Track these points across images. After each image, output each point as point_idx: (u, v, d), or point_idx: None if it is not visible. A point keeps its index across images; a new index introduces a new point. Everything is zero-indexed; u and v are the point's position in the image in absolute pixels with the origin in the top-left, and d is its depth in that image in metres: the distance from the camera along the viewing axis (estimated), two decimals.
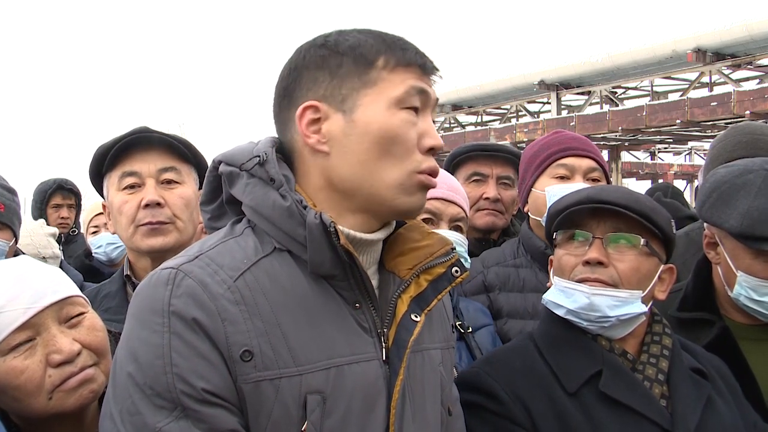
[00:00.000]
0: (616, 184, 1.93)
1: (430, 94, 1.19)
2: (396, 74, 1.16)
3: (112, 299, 1.83)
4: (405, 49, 1.18)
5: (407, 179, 1.15)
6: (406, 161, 1.15)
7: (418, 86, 1.17)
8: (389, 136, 1.14)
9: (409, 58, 1.17)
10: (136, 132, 1.81)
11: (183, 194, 1.82)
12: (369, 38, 1.18)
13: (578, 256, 1.50)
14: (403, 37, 1.21)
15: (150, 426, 1.01)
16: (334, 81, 1.16)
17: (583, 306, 1.46)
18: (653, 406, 1.42)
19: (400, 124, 1.14)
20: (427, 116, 1.19)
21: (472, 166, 2.59)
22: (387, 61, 1.16)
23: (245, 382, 1.04)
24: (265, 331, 1.06)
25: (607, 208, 1.48)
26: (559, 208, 1.56)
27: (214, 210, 1.26)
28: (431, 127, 1.19)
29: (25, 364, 1.24)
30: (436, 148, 1.18)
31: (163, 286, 1.07)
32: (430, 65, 1.20)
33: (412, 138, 1.15)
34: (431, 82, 1.21)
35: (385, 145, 1.14)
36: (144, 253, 1.81)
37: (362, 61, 1.16)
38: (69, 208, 4.66)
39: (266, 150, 1.18)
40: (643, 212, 1.47)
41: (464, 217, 1.91)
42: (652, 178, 21.10)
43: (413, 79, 1.17)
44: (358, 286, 1.15)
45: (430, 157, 1.18)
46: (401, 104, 1.15)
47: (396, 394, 1.12)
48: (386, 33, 1.21)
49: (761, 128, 2.28)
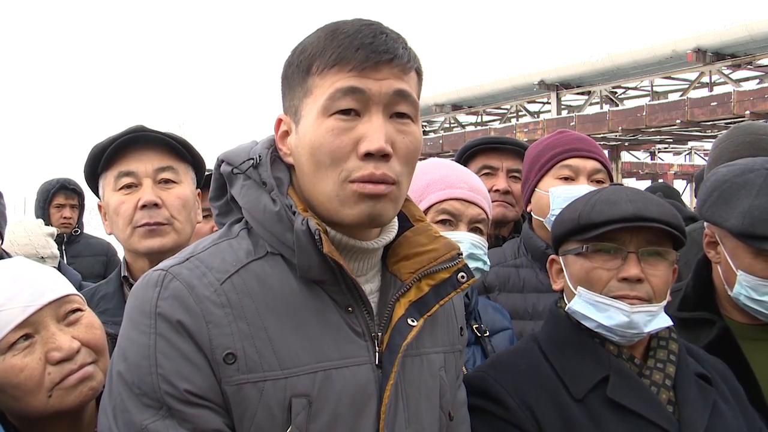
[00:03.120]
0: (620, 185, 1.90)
1: (367, 91, 1.08)
2: (326, 78, 1.10)
3: (109, 301, 1.82)
4: (340, 46, 1.08)
5: (340, 190, 1.09)
6: (334, 172, 1.09)
7: (345, 87, 1.07)
8: (316, 147, 1.09)
9: (340, 57, 1.08)
10: (133, 131, 1.79)
11: (180, 194, 1.81)
12: (315, 40, 1.13)
13: (610, 270, 1.46)
14: (358, 28, 1.10)
15: (137, 424, 1.03)
16: (290, 92, 1.16)
17: (621, 323, 1.43)
18: (661, 412, 1.41)
19: (324, 134, 1.08)
20: (372, 116, 1.09)
21: (483, 159, 2.62)
22: (318, 66, 1.10)
23: (229, 384, 1.05)
24: (250, 334, 1.06)
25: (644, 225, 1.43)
26: (597, 222, 1.46)
27: (222, 206, 1.26)
28: (373, 129, 1.08)
29: (25, 362, 1.24)
30: (374, 152, 1.07)
31: (152, 288, 1.08)
32: (372, 57, 1.08)
33: (340, 146, 1.08)
34: (377, 75, 1.08)
35: (316, 157, 1.10)
36: (142, 255, 1.80)
37: (303, 68, 1.13)
38: (72, 208, 4.66)
39: (261, 152, 1.18)
40: (679, 227, 1.46)
41: (485, 219, 1.81)
42: (652, 178, 21.07)
43: (343, 79, 1.08)
44: (349, 291, 1.14)
45: (368, 163, 1.07)
46: (328, 111, 1.08)
47: (386, 399, 1.11)
48: (341, 27, 1.12)
49: (764, 128, 2.28)
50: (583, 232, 1.49)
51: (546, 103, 20.72)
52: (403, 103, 1.11)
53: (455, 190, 1.77)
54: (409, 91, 1.12)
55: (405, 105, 1.12)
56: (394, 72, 1.10)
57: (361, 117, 1.09)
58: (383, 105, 1.10)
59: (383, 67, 1.09)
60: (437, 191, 1.77)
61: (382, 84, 1.09)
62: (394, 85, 1.10)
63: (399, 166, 1.11)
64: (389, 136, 1.09)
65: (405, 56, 1.11)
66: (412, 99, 1.12)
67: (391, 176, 1.09)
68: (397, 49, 1.10)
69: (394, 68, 1.10)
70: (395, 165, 1.10)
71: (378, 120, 1.09)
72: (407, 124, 1.13)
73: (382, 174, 1.08)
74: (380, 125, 1.09)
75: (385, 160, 1.09)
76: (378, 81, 1.09)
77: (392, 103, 1.10)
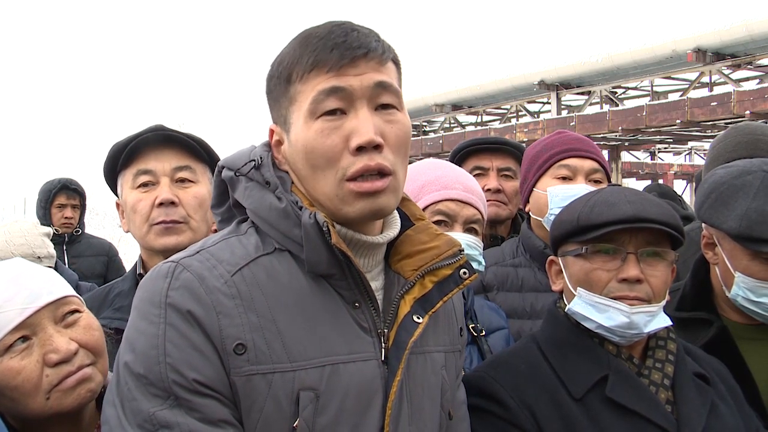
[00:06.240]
0: (618, 185, 1.91)
1: (348, 88, 1.10)
2: (307, 83, 1.12)
3: (124, 298, 1.82)
4: (315, 49, 1.11)
5: (339, 189, 1.11)
6: (330, 172, 1.11)
7: (327, 87, 1.10)
8: (309, 151, 1.12)
9: (316, 60, 1.10)
10: (151, 130, 1.81)
11: (197, 193, 1.83)
12: (291, 49, 1.15)
13: (610, 271, 1.46)
14: (330, 30, 1.12)
15: (144, 412, 1.04)
16: (276, 104, 1.18)
17: (621, 324, 1.43)
18: (660, 412, 1.42)
19: (315, 136, 1.11)
20: (358, 111, 1.11)
21: (474, 160, 2.64)
22: (298, 73, 1.13)
23: (238, 375, 1.05)
24: (260, 325, 1.07)
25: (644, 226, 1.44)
26: (596, 223, 1.46)
27: (224, 213, 1.28)
28: (361, 123, 1.10)
29: (22, 365, 1.24)
30: (365, 145, 1.09)
31: (162, 279, 1.09)
32: (347, 54, 1.10)
33: (331, 146, 1.10)
34: (355, 71, 1.10)
35: (311, 161, 1.12)
36: (157, 252, 1.81)
37: (284, 78, 1.15)
38: (73, 208, 4.67)
39: (261, 153, 1.20)
40: (678, 227, 1.46)
41: (480, 219, 1.82)
42: (652, 178, 21.07)
43: (323, 81, 1.10)
44: (357, 286, 1.15)
45: (361, 156, 1.09)
46: (314, 114, 1.11)
47: (392, 395, 1.12)
48: (313, 32, 1.14)
49: (761, 129, 2.28)
50: (583, 234, 1.49)
51: (546, 103, 20.71)
52: (385, 94, 1.13)
53: (450, 191, 1.78)
54: (390, 82, 1.14)
55: (388, 95, 1.14)
56: (371, 65, 1.12)
57: (347, 114, 1.11)
58: (366, 99, 1.12)
59: (359, 61, 1.11)
60: (433, 192, 1.78)
61: (362, 78, 1.11)
62: (373, 77, 1.12)
63: (392, 155, 1.13)
64: (378, 127, 1.11)
65: (379, 48, 1.13)
66: (393, 89, 1.14)
67: (387, 165, 1.11)
68: (370, 43, 1.12)
69: (370, 61, 1.12)
70: (389, 155, 1.12)
71: (364, 113, 1.11)
72: (393, 114, 1.14)
73: (377, 164, 1.10)
74: (367, 118, 1.10)
75: (378, 150, 1.11)
76: (357, 76, 1.11)
77: (375, 95, 1.12)
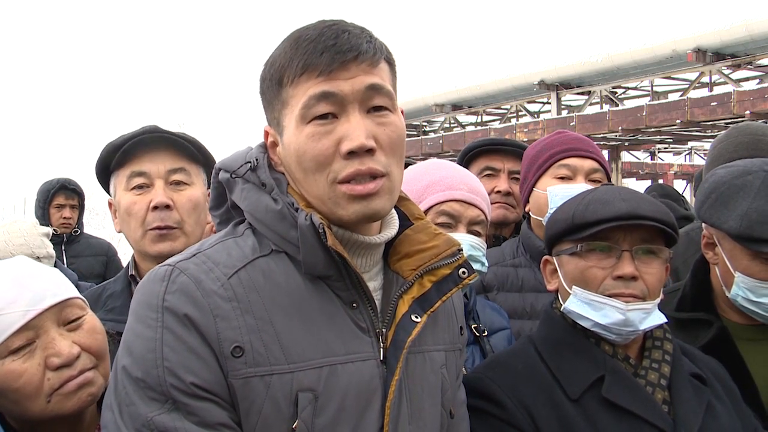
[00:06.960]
0: (618, 185, 1.91)
1: (339, 93, 1.09)
2: (298, 87, 1.11)
3: (116, 299, 1.82)
4: (305, 53, 1.10)
5: (331, 192, 1.11)
6: (321, 175, 1.11)
7: (317, 93, 1.09)
8: (300, 155, 1.12)
9: (306, 64, 1.09)
10: (146, 131, 1.80)
11: (192, 196, 1.82)
12: (282, 51, 1.14)
13: (605, 269, 1.46)
14: (320, 32, 1.11)
15: (142, 416, 1.03)
16: (269, 106, 1.18)
17: (617, 321, 1.44)
18: (656, 412, 1.42)
19: (306, 141, 1.11)
20: (350, 115, 1.10)
21: (485, 160, 2.64)
22: (288, 76, 1.12)
23: (236, 378, 1.05)
24: (257, 327, 1.07)
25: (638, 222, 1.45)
26: (591, 221, 1.47)
27: (222, 215, 1.28)
28: (352, 128, 1.09)
29: (24, 367, 1.23)
30: (356, 150, 1.08)
31: (159, 283, 1.09)
32: (338, 58, 1.08)
33: (322, 150, 1.10)
34: (346, 75, 1.09)
35: (302, 164, 1.12)
36: (152, 257, 1.80)
37: (276, 80, 1.15)
38: (72, 209, 4.67)
39: (258, 155, 1.20)
40: (672, 225, 1.47)
41: (484, 220, 1.81)
42: (652, 178, 21.08)
43: (314, 85, 1.09)
44: (354, 287, 1.15)
45: (352, 161, 1.09)
46: (305, 119, 1.11)
47: (391, 395, 1.12)
48: (304, 34, 1.13)
49: (762, 129, 2.28)
50: (577, 232, 1.49)
51: (546, 103, 20.71)
52: (377, 97, 1.12)
53: (455, 191, 1.77)
54: (382, 84, 1.13)
55: (380, 98, 1.13)
56: (363, 68, 1.11)
57: (338, 119, 1.11)
58: (358, 102, 1.11)
59: (350, 65, 1.10)
60: (437, 192, 1.77)
61: (353, 82, 1.10)
62: (365, 81, 1.11)
63: (385, 157, 1.12)
64: (370, 131, 1.10)
65: (370, 50, 1.12)
66: (386, 90, 1.13)
67: (378, 169, 1.11)
68: (361, 45, 1.11)
69: (361, 64, 1.10)
70: (381, 157, 1.12)
71: (356, 118, 1.10)
72: (386, 116, 1.14)
73: (368, 168, 1.10)
74: (358, 123, 1.10)
75: (370, 155, 1.10)
76: (348, 80, 1.10)
77: (367, 98, 1.11)
